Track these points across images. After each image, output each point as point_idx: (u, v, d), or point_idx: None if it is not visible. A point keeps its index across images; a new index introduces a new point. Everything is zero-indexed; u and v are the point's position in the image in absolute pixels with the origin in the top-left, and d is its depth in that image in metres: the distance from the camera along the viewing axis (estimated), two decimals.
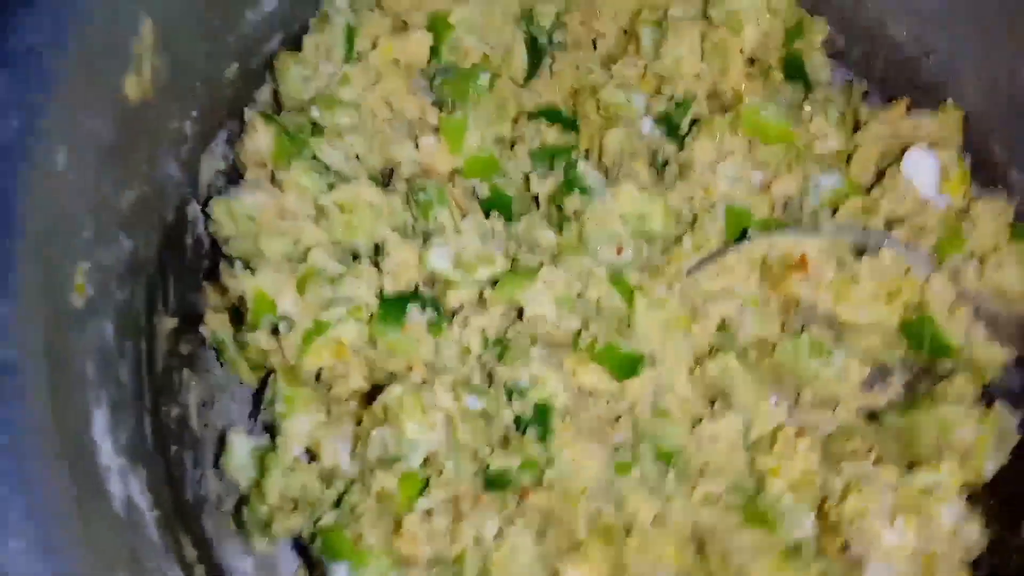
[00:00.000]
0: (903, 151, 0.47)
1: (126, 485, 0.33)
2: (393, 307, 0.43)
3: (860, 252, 0.45)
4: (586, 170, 0.48)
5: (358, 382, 0.44)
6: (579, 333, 0.45)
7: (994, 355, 0.44)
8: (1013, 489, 0.46)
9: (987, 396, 0.48)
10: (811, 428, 0.45)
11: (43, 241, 0.30)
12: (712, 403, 0.46)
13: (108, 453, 0.32)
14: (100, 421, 0.32)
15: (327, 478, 0.42)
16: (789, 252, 0.45)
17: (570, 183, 0.48)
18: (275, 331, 0.43)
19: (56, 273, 0.31)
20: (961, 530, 0.41)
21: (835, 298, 0.45)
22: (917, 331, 0.44)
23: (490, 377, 0.44)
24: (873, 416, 0.47)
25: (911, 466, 0.43)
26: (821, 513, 0.43)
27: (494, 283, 0.45)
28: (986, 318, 0.45)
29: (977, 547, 0.43)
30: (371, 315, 0.43)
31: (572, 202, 0.47)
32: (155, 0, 0.35)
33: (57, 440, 0.28)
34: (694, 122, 0.50)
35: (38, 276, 0.29)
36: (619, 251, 0.47)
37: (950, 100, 0.49)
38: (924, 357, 0.45)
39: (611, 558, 0.42)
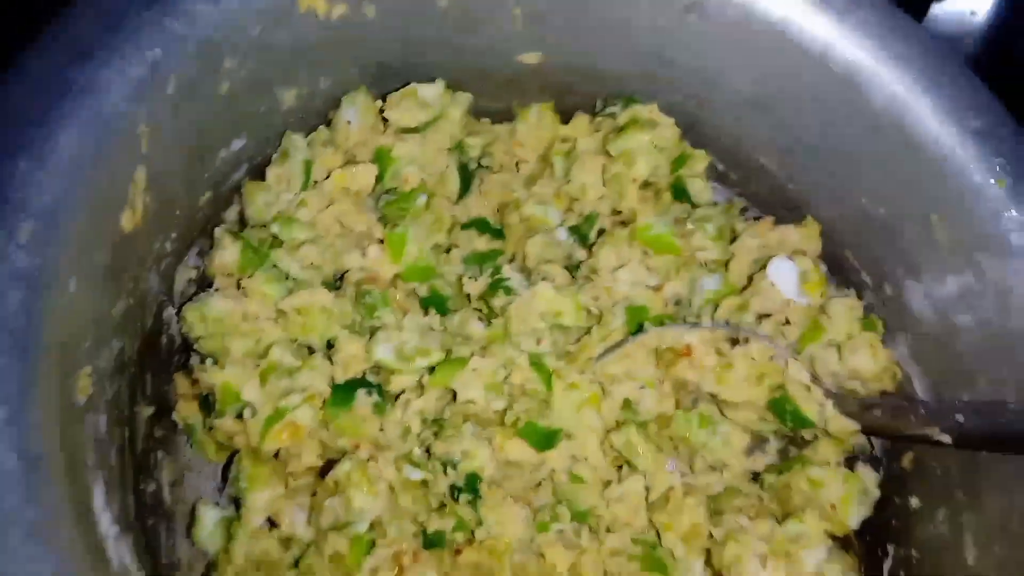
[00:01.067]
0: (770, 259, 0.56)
1: (119, 551, 0.39)
2: (343, 392, 0.49)
3: (734, 342, 0.53)
4: (510, 272, 0.55)
5: (312, 459, 0.49)
6: (505, 412, 0.51)
7: (845, 426, 0.51)
8: (876, 538, 0.54)
9: (851, 460, 0.56)
10: (701, 489, 0.52)
11: (58, 353, 0.36)
12: (619, 469, 0.53)
13: (106, 524, 0.38)
14: (99, 498, 0.38)
15: (286, 543, 0.48)
16: (677, 342, 0.53)
17: (496, 284, 0.54)
18: (239, 416, 0.49)
19: (67, 378, 0.37)
20: (824, 570, 0.49)
21: (716, 380, 0.52)
22: (781, 408, 0.51)
23: (428, 451, 0.50)
24: (756, 477, 0.55)
25: (784, 519, 0.51)
26: (709, 560, 0.50)
27: (431, 370, 0.51)
28: (845, 395, 0.53)
29: None
30: (324, 401, 0.49)
31: (498, 300, 0.53)
32: (147, 153, 0.42)
33: (73, 515, 0.34)
34: (601, 231, 0.58)
35: (55, 383, 0.36)
36: (539, 342, 0.53)
37: (809, 216, 0.57)
38: (790, 428, 0.52)
39: None
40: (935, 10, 0.53)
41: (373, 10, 0.50)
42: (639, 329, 0.54)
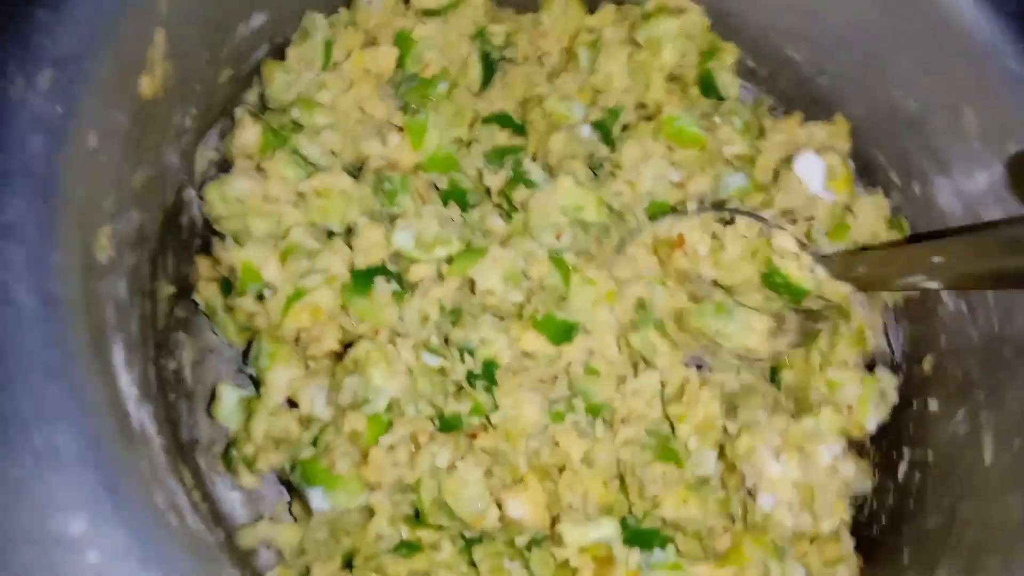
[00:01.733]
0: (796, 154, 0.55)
1: (139, 411, 0.39)
2: (362, 278, 0.49)
3: (727, 224, 0.52)
4: (531, 167, 0.54)
5: (331, 343, 0.49)
6: (522, 305, 0.51)
7: (838, 289, 0.50)
8: (892, 442, 0.54)
9: (871, 366, 0.56)
10: (717, 384, 0.52)
11: (78, 206, 0.36)
12: (635, 366, 0.53)
13: (126, 381, 0.38)
14: (119, 356, 0.38)
15: (305, 422, 0.48)
16: (669, 233, 0.52)
17: (517, 178, 0.53)
18: (260, 297, 0.49)
19: (87, 233, 0.37)
20: (838, 467, 0.49)
21: (712, 264, 0.52)
22: (773, 281, 0.51)
23: (446, 339, 0.50)
24: (774, 379, 0.55)
25: (800, 416, 0.51)
26: (723, 453, 0.50)
27: (450, 261, 0.51)
28: (831, 257, 0.51)
29: (854, 483, 0.50)
30: (343, 285, 0.49)
31: (519, 194, 0.53)
32: (167, 14, 0.41)
33: (93, 365, 0.34)
34: (624, 128, 0.57)
35: (75, 235, 0.36)
36: (558, 236, 0.53)
37: (839, 114, 0.56)
38: (789, 301, 0.51)
39: (547, 490, 0.48)
40: None
41: None
42: None
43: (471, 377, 0.49)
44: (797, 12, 0.55)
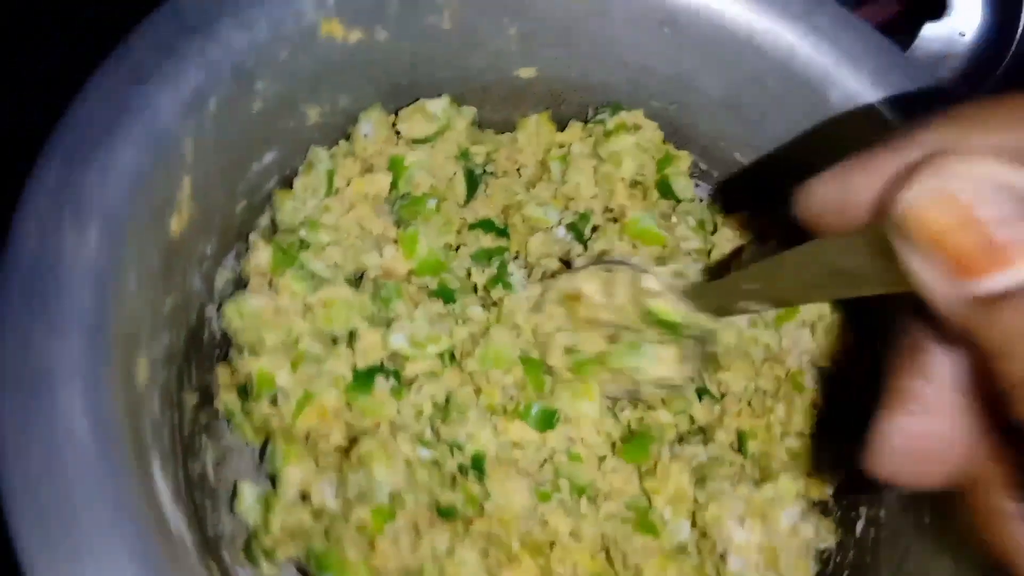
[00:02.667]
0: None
1: (174, 513, 0.44)
2: (363, 378, 0.55)
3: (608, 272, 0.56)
4: (514, 270, 0.60)
5: (338, 439, 0.55)
6: (509, 396, 0.56)
7: (699, 319, 0.53)
8: (851, 501, 0.59)
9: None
10: (687, 459, 0.57)
11: (121, 341, 0.42)
12: (612, 446, 0.59)
13: (162, 488, 0.43)
14: (156, 466, 0.44)
15: (318, 514, 0.53)
16: (570, 288, 0.56)
17: (499, 277, 0.60)
18: (273, 401, 0.55)
19: (128, 362, 0.43)
20: (798, 530, 0.54)
21: (607, 310, 0.55)
22: (651, 318, 0.54)
23: (437, 434, 0.55)
24: (740, 448, 0.60)
25: (761, 483, 0.56)
26: (695, 521, 0.56)
27: (441, 355, 0.57)
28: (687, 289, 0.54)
29: (815, 541, 0.55)
30: (347, 385, 0.55)
31: (496, 292, 0.59)
32: (192, 163, 0.48)
33: (137, 474, 0.40)
34: (594, 229, 0.64)
35: (119, 368, 0.41)
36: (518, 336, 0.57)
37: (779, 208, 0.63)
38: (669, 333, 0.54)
39: (540, 565, 0.53)
40: (926, 30, 0.59)
41: (385, 34, 0.56)
42: None
43: (463, 469, 0.54)
44: (740, 124, 0.62)
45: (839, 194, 0.34)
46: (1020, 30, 0.71)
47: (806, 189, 0.36)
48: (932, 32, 0.58)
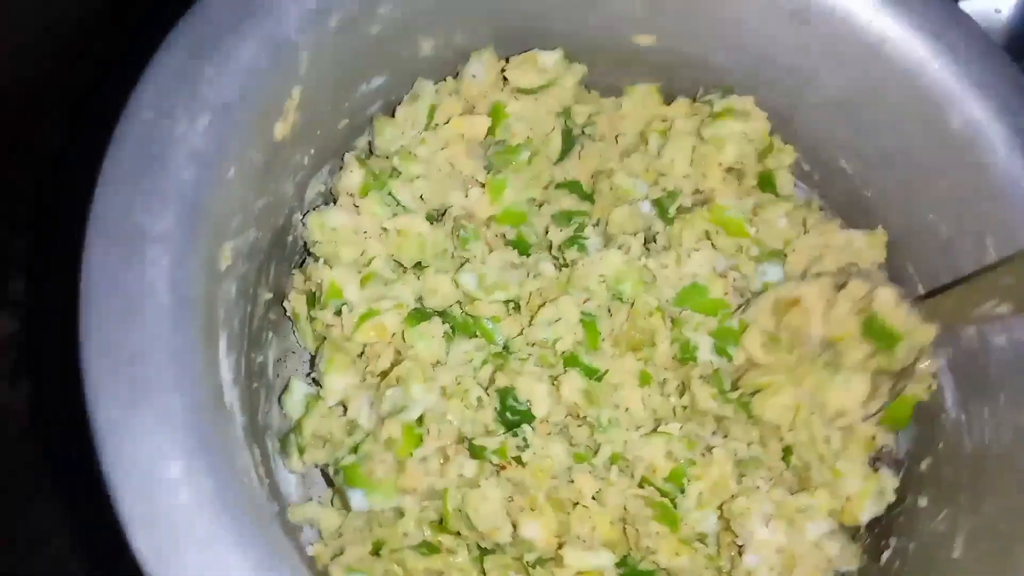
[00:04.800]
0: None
1: (231, 393, 0.47)
2: (423, 314, 0.57)
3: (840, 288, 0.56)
4: (591, 233, 0.60)
5: (386, 363, 0.57)
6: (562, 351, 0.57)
7: (926, 330, 0.53)
8: (883, 530, 0.58)
9: (876, 459, 0.61)
10: (730, 450, 0.57)
11: (212, 224, 0.44)
12: (657, 422, 0.59)
13: (225, 367, 0.46)
14: (223, 346, 0.47)
15: (351, 426, 0.55)
16: (788, 295, 0.57)
17: (575, 239, 0.60)
18: (337, 313, 0.57)
19: (215, 246, 0.45)
20: (823, 545, 0.53)
21: (821, 320, 0.55)
22: (871, 327, 0.54)
23: (492, 380, 0.56)
24: (785, 458, 0.60)
25: (797, 492, 0.56)
26: (722, 513, 0.56)
27: (506, 303, 0.58)
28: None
29: (838, 562, 0.55)
30: (408, 313, 0.56)
31: (571, 253, 0.59)
32: (304, 74, 0.50)
33: (204, 353, 0.42)
34: (679, 209, 0.63)
35: (207, 248, 0.44)
36: (585, 301, 0.58)
37: (880, 226, 0.60)
38: (882, 346, 0.54)
39: (560, 520, 0.54)
40: (963, 6, 0.57)
41: None
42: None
43: (505, 417, 0.55)
44: (852, 128, 0.60)
45: None
46: None
47: None
48: (969, 8, 0.57)
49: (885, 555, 0.56)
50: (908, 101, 0.56)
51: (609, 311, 0.58)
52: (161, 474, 0.37)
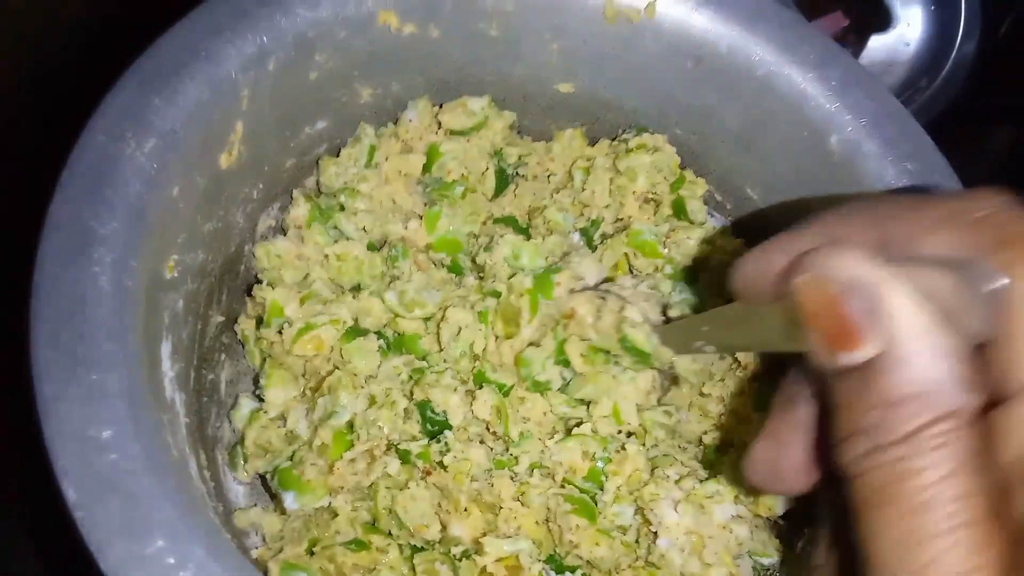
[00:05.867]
0: None
1: (173, 391, 0.52)
2: (357, 331, 0.61)
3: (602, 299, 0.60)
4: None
5: (323, 376, 0.62)
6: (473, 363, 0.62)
7: (664, 353, 0.58)
8: (794, 523, 0.61)
9: None
10: (646, 448, 0.60)
11: (156, 235, 0.50)
12: (565, 422, 0.62)
13: (167, 365, 0.51)
14: (166, 348, 0.51)
15: (289, 438, 0.59)
16: (566, 307, 0.61)
17: (489, 246, 0.65)
18: (280, 331, 0.61)
19: (159, 256, 0.51)
20: (732, 527, 0.56)
21: (593, 331, 0.60)
22: (626, 345, 0.59)
23: (410, 395, 0.60)
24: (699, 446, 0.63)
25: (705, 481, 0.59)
26: (639, 506, 0.59)
27: (427, 320, 0.63)
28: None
29: (749, 544, 0.57)
30: (345, 329, 0.61)
31: (482, 257, 0.65)
32: (245, 111, 0.57)
33: (144, 341, 0.48)
34: (603, 237, 0.70)
35: (150, 254, 0.50)
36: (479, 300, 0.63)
37: None
38: (639, 361, 0.59)
39: (487, 519, 0.57)
40: (873, 41, 0.64)
41: (437, 32, 0.64)
42: None
43: (427, 428, 0.59)
44: (752, 159, 0.67)
45: (758, 270, 0.41)
46: (958, 41, 0.84)
47: (737, 265, 0.43)
48: (879, 43, 0.64)
49: (798, 544, 0.59)
50: (795, 128, 0.62)
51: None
52: (95, 437, 0.41)
